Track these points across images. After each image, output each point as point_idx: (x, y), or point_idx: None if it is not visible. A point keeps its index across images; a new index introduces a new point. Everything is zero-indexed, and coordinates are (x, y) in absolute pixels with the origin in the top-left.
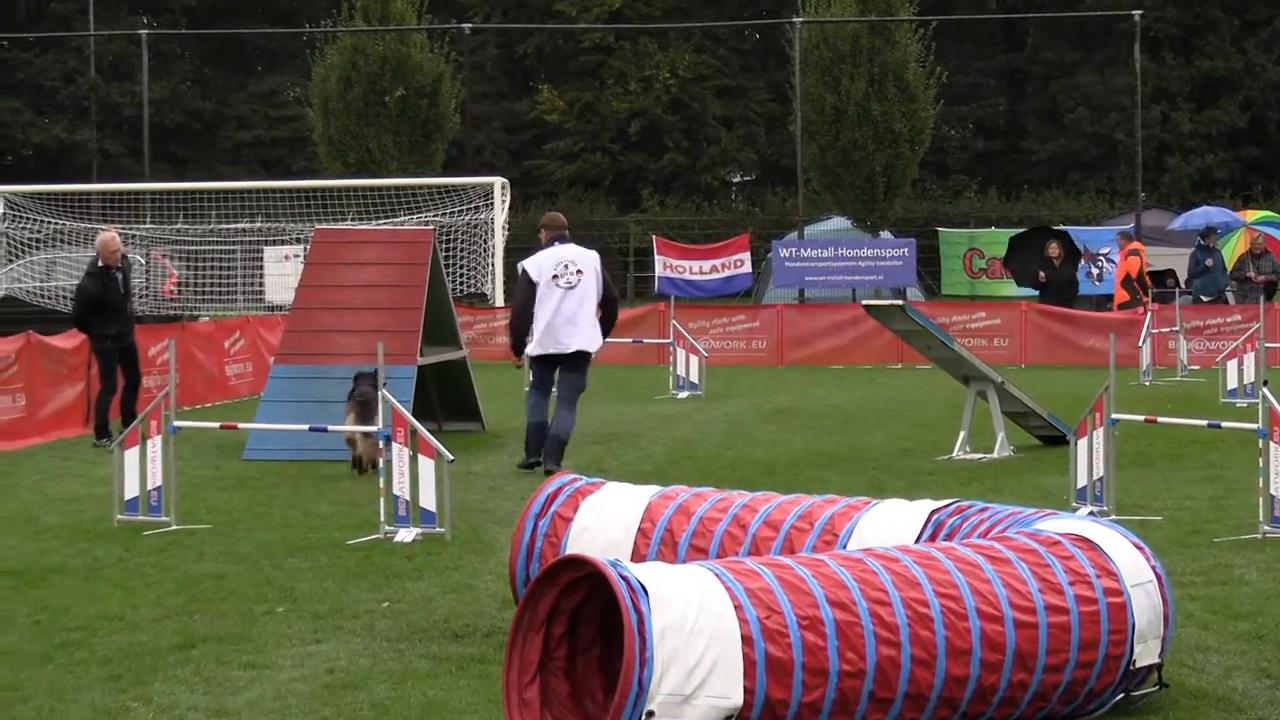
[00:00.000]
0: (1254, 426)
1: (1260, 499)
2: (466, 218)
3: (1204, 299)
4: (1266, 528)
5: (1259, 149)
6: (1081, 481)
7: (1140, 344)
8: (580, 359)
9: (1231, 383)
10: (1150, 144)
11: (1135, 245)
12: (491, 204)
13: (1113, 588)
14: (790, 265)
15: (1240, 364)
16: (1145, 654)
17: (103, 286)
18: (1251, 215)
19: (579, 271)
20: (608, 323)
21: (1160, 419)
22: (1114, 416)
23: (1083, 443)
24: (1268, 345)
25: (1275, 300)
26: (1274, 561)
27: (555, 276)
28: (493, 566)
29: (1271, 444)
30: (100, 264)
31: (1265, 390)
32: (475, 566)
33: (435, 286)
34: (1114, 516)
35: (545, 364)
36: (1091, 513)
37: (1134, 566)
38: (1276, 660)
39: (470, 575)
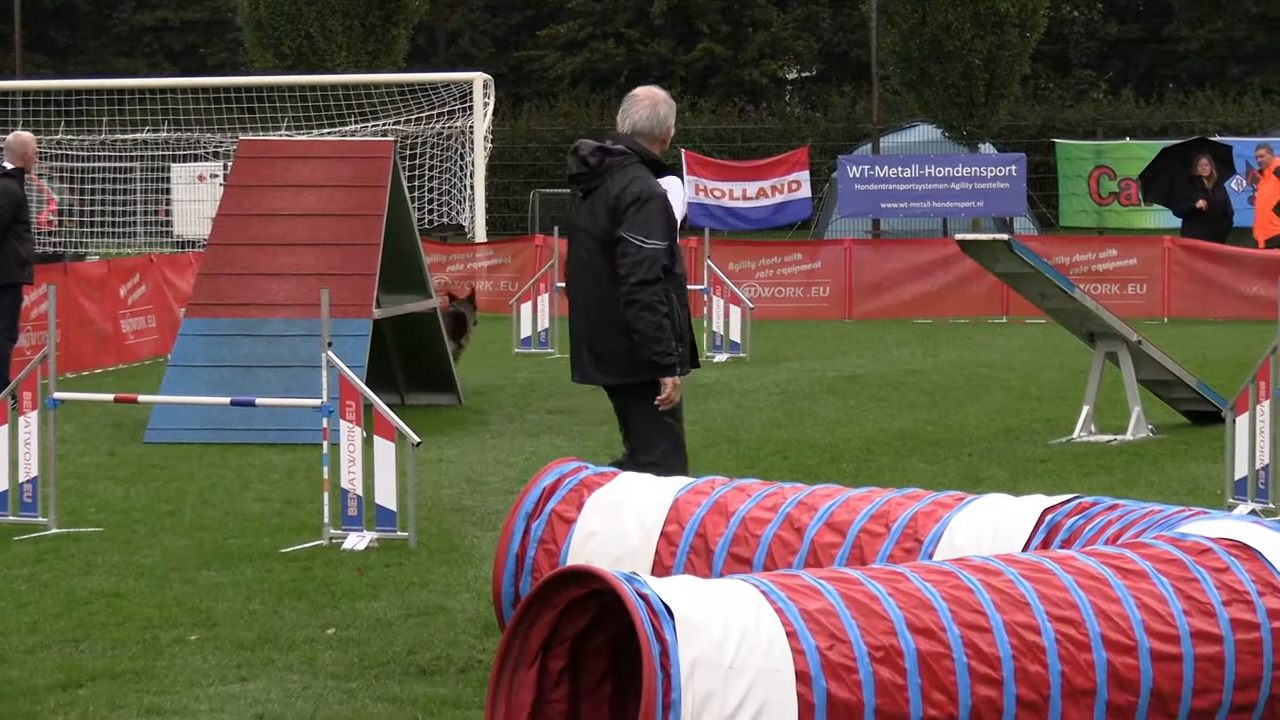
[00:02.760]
0: None
1: None
2: (438, 126)
3: None
4: None
5: None
6: (1241, 471)
7: None
8: None
9: None
10: None
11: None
12: (470, 108)
13: (1279, 609)
14: (861, 188)
15: None
16: None
17: (22, 193)
18: None
19: None
20: None
21: None
22: None
23: (1243, 420)
24: None
25: None
26: None
27: None
28: (471, 582)
29: None
30: (11, 166)
31: None
32: (448, 582)
33: (396, 216)
34: None
35: None
36: (1254, 511)
37: None
38: None
39: (442, 593)
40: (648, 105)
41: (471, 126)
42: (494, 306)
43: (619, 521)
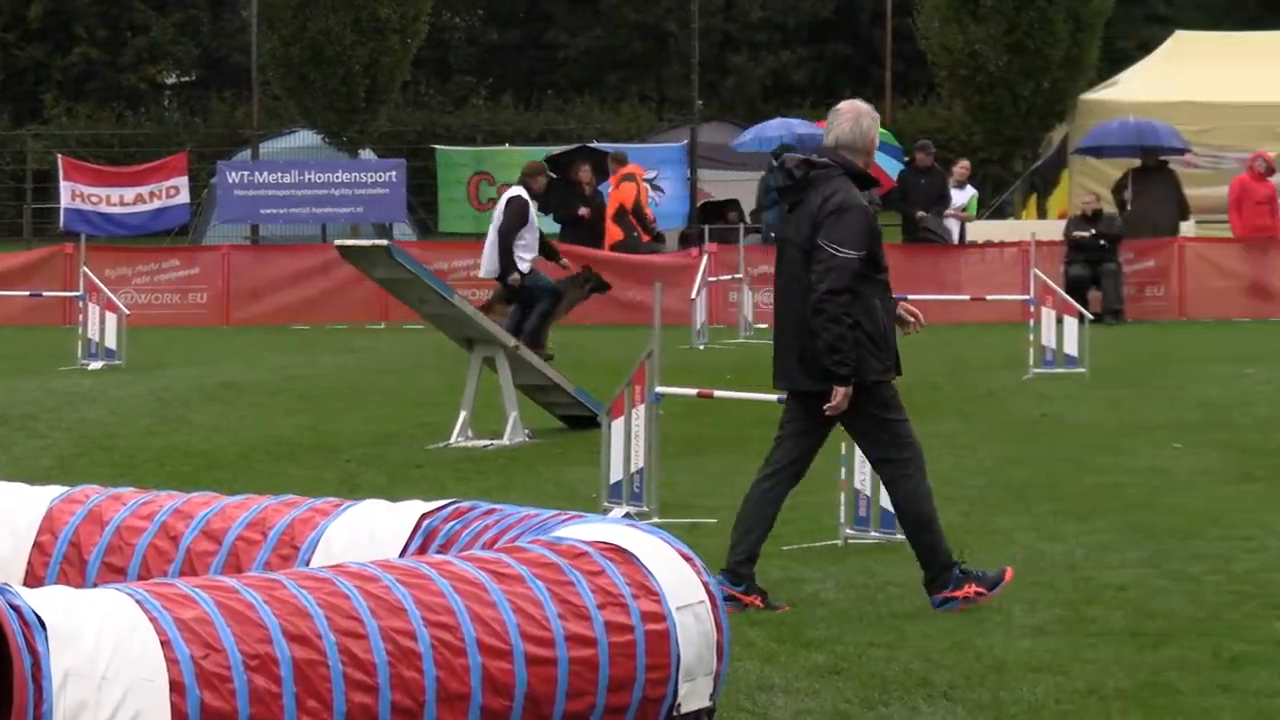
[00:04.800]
0: None
1: (841, 495)
2: None
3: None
4: (849, 531)
5: (849, 45)
6: (616, 475)
7: (693, 296)
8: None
9: None
10: (710, 38)
11: (631, 169)
12: None
13: (653, 611)
14: (241, 194)
15: None
16: (693, 696)
17: None
18: None
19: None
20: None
21: (717, 393)
22: (658, 391)
23: (618, 425)
24: None
25: None
26: (856, 575)
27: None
28: None
29: None
30: None
31: None
32: None
33: None
34: (657, 519)
35: None
36: (628, 515)
37: (681, 584)
38: (858, 700)
39: None
40: (850, 118)
41: None
42: None
43: None
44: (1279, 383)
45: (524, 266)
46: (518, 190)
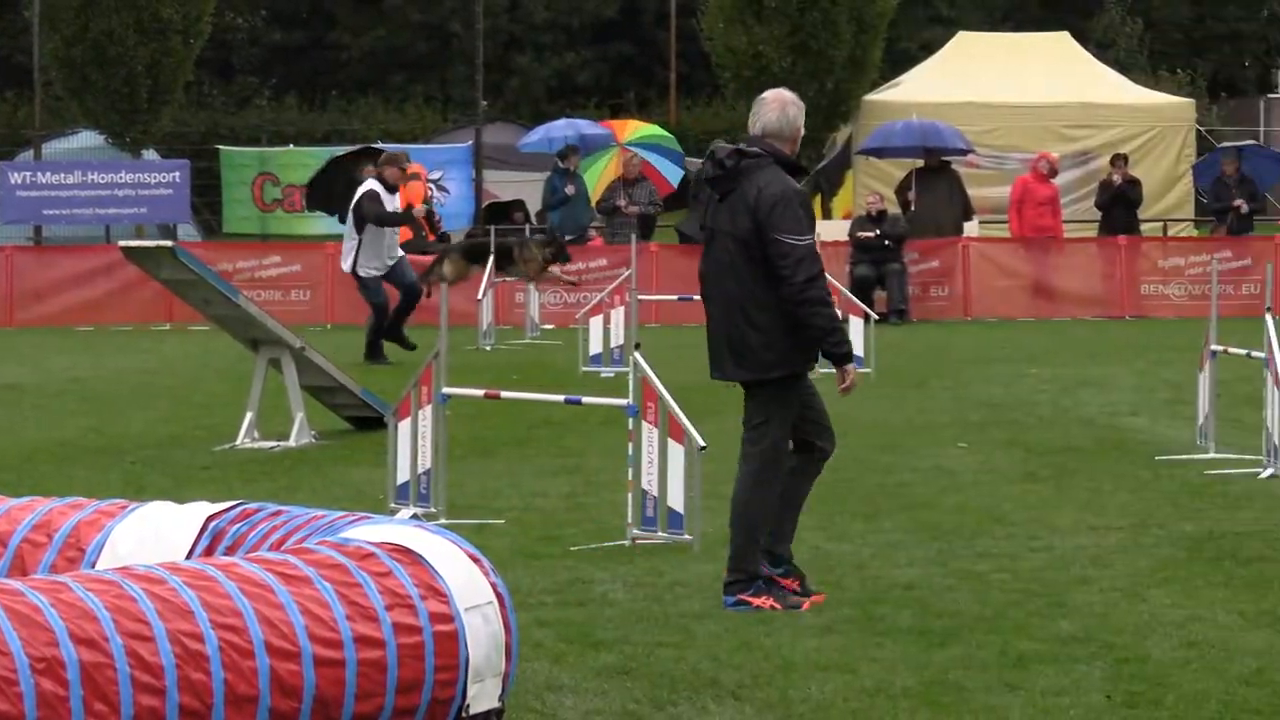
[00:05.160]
0: (622, 402)
1: (629, 495)
2: None
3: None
4: (636, 531)
5: (632, 45)
6: (403, 476)
7: (479, 297)
8: None
9: (595, 346)
10: (495, 39)
11: (415, 168)
12: None
13: (441, 612)
14: (23, 195)
15: (607, 322)
16: (481, 696)
17: None
18: (630, 132)
19: None
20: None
21: (504, 394)
22: (445, 391)
23: (404, 426)
24: (641, 297)
25: (652, 240)
26: (645, 575)
27: None
28: None
29: (644, 424)
30: None
31: (637, 355)
32: None
33: None
34: (444, 520)
35: None
36: (415, 516)
37: (468, 584)
38: (647, 700)
39: None
40: (776, 107)
41: None
42: None
43: None
44: (1061, 382)
45: (370, 272)
46: (368, 184)
